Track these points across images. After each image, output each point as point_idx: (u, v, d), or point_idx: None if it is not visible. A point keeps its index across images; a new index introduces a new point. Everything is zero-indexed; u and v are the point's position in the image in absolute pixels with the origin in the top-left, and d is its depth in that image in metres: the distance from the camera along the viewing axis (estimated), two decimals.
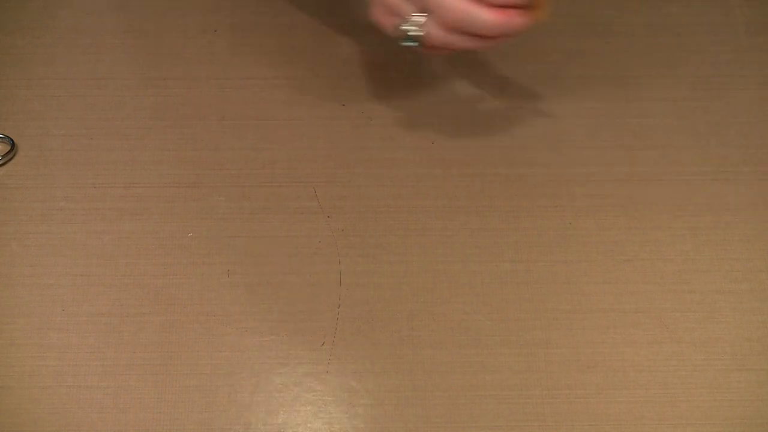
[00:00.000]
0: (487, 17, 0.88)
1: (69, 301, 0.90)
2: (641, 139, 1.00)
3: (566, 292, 0.91)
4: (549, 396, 0.86)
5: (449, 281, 0.91)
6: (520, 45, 1.01)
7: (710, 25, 1.07)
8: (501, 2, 0.89)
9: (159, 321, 0.89)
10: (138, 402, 0.85)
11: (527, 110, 1.01)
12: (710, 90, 1.03)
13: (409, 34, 0.90)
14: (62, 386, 0.86)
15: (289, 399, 0.85)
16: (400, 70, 1.04)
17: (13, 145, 0.98)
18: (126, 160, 0.98)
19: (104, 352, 0.87)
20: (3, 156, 0.98)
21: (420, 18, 0.90)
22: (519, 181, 0.97)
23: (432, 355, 0.88)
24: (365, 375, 0.87)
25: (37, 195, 0.96)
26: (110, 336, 0.88)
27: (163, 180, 0.97)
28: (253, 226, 0.94)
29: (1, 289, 0.90)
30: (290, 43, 1.04)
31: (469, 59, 1.05)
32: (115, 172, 0.97)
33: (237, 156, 0.98)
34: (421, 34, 0.90)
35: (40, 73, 1.03)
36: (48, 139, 0.99)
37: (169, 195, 0.96)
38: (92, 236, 0.93)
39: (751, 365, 0.87)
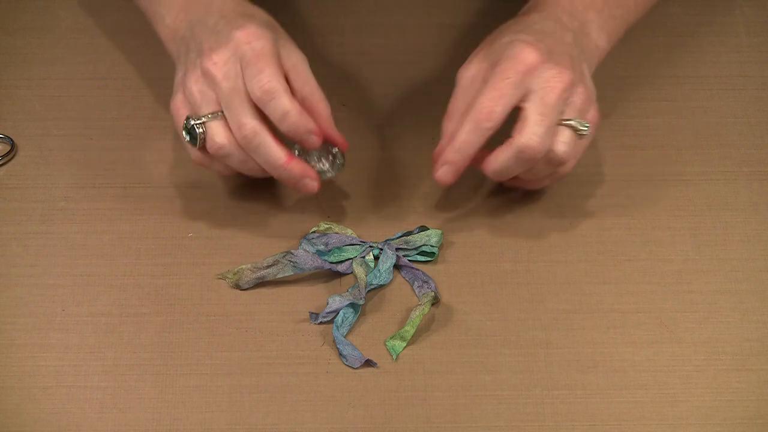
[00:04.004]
0: (278, 153, 0.88)
1: (69, 301, 0.90)
2: (641, 139, 1.00)
3: (566, 292, 0.91)
4: (549, 396, 0.86)
5: (449, 281, 0.91)
6: None
7: (710, 25, 1.07)
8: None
9: (159, 321, 0.89)
10: (138, 402, 0.85)
11: None
12: (710, 90, 1.03)
13: (191, 126, 0.89)
14: (62, 386, 0.86)
15: (289, 399, 0.85)
16: (401, 70, 1.05)
17: (13, 145, 0.98)
18: (126, 160, 0.98)
19: (104, 352, 0.87)
20: (3, 156, 0.98)
21: (211, 118, 0.88)
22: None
23: (432, 355, 0.88)
24: (365, 375, 0.87)
25: (37, 195, 0.96)
26: (110, 336, 0.88)
27: (163, 180, 0.97)
28: (253, 226, 0.94)
29: (1, 289, 0.90)
30: None
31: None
32: (115, 172, 0.97)
33: None
34: (201, 131, 0.89)
35: (40, 73, 1.03)
36: (48, 139, 0.99)
37: (169, 195, 0.96)
38: (92, 236, 0.93)
39: (752, 365, 0.87)
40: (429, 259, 0.92)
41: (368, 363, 0.87)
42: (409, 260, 0.92)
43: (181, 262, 0.92)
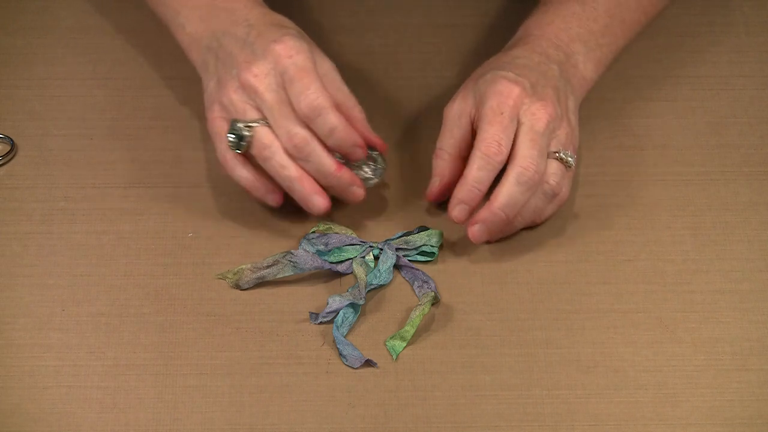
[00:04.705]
0: (329, 161, 0.89)
1: (69, 301, 0.90)
2: (641, 139, 1.00)
3: (566, 292, 0.91)
4: (549, 396, 0.86)
5: (449, 281, 0.91)
6: None
7: (710, 25, 1.07)
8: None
9: (159, 321, 0.89)
10: (138, 402, 0.85)
11: None
12: (710, 90, 1.03)
13: (238, 128, 0.89)
14: (62, 386, 0.86)
15: (289, 399, 0.85)
16: (401, 70, 1.05)
17: (13, 145, 0.98)
18: (126, 160, 0.98)
19: (104, 352, 0.87)
20: (3, 156, 0.98)
21: (261, 123, 0.89)
22: None
23: (432, 355, 0.88)
24: (365, 375, 0.87)
25: (37, 195, 0.96)
26: (110, 336, 0.88)
27: (163, 180, 0.97)
28: (253, 226, 0.94)
29: (1, 289, 0.90)
30: None
31: (468, 60, 1.05)
32: (115, 172, 0.97)
33: None
34: (249, 134, 0.89)
35: (40, 73, 1.03)
36: (48, 139, 0.99)
37: (169, 195, 0.96)
38: (92, 236, 0.93)
39: (752, 365, 0.87)
40: (429, 259, 0.92)
41: (368, 363, 0.87)
42: (409, 260, 0.92)
43: (181, 262, 0.92)
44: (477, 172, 0.89)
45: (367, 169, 0.93)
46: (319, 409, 0.85)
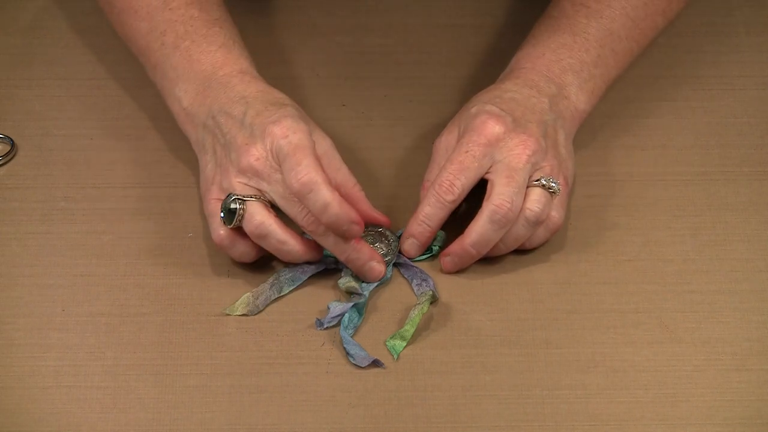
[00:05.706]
0: (296, 245, 0.87)
1: (69, 301, 0.90)
2: (641, 139, 1.00)
3: (566, 292, 0.91)
4: (549, 396, 0.86)
5: (449, 281, 0.91)
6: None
7: (710, 25, 1.07)
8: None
9: (159, 321, 0.89)
10: (138, 402, 0.85)
11: None
12: (710, 90, 1.03)
13: (231, 200, 0.87)
14: (62, 386, 0.86)
15: (289, 399, 0.85)
16: (401, 70, 1.04)
17: (13, 145, 0.98)
18: (126, 160, 0.98)
19: (104, 352, 0.87)
20: (3, 156, 0.98)
21: (253, 199, 0.87)
22: None
23: (432, 355, 0.88)
24: (365, 375, 0.87)
25: (37, 195, 0.96)
26: (110, 336, 0.88)
27: (163, 180, 0.97)
28: None
29: (1, 289, 0.90)
30: (290, 43, 1.04)
31: (468, 60, 1.05)
32: (115, 172, 0.97)
33: None
34: (241, 207, 0.86)
35: (40, 73, 1.03)
36: (48, 139, 0.99)
37: (169, 195, 0.96)
38: (92, 236, 0.93)
39: (752, 365, 0.87)
40: (429, 254, 0.92)
41: (375, 363, 0.87)
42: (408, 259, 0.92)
43: (181, 262, 0.92)
44: (427, 209, 0.89)
45: (381, 246, 0.91)
46: (319, 409, 0.85)
